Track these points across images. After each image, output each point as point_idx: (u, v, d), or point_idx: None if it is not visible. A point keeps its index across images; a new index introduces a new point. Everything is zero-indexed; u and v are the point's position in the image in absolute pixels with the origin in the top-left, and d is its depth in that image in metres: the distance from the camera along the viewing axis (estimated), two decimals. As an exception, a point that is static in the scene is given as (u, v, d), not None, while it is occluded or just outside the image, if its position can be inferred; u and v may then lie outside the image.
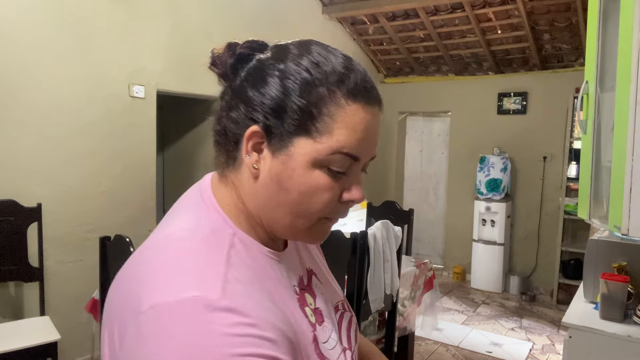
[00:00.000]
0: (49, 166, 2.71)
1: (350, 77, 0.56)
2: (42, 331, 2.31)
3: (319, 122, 0.54)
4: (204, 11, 3.52)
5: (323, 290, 0.71)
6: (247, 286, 0.53)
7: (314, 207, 0.56)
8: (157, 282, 0.51)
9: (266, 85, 0.56)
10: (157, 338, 0.47)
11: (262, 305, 0.53)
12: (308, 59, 0.56)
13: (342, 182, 0.57)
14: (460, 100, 5.28)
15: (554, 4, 4.03)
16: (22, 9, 2.55)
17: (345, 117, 0.55)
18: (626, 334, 1.68)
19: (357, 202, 0.58)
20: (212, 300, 0.48)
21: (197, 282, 0.50)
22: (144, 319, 0.48)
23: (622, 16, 1.37)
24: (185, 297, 0.48)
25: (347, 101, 0.55)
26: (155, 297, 0.49)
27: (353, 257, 2.22)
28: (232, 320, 0.48)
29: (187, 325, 0.47)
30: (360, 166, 0.59)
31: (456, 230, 5.36)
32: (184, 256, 0.53)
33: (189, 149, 4.32)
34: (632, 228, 1.30)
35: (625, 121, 1.32)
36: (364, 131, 0.56)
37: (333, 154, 0.55)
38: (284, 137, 0.55)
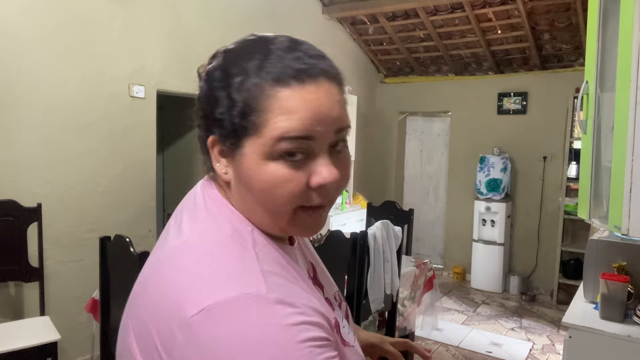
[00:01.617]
0: (49, 166, 2.71)
1: (277, 64, 0.54)
2: (42, 331, 2.31)
3: (255, 118, 0.54)
4: (203, 11, 3.52)
5: (324, 281, 0.73)
6: (280, 278, 0.54)
7: (280, 199, 0.55)
8: (199, 285, 0.51)
9: (211, 97, 0.57)
10: (216, 340, 0.47)
11: (299, 294, 0.54)
12: (235, 61, 0.57)
13: (306, 167, 0.55)
14: (460, 100, 5.28)
15: (554, 4, 4.03)
16: (23, 9, 2.55)
17: (278, 104, 0.53)
18: (626, 334, 1.68)
19: (330, 184, 0.56)
20: (262, 295, 0.49)
21: (240, 279, 0.51)
22: (196, 324, 0.48)
23: (622, 16, 1.37)
24: (235, 295, 0.49)
25: (276, 89, 0.53)
26: (203, 300, 0.49)
27: (353, 257, 2.22)
28: (284, 311, 0.49)
29: (244, 322, 0.48)
30: (324, 145, 0.56)
31: (456, 230, 5.36)
32: (217, 256, 0.54)
33: (189, 149, 4.32)
34: (632, 228, 1.30)
35: (625, 121, 1.32)
36: (305, 110, 0.53)
37: (278, 142, 0.53)
38: (234, 140, 0.56)
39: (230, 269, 0.52)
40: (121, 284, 1.92)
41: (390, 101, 5.78)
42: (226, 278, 0.51)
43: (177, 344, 0.49)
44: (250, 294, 0.49)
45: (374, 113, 5.81)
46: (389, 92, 5.80)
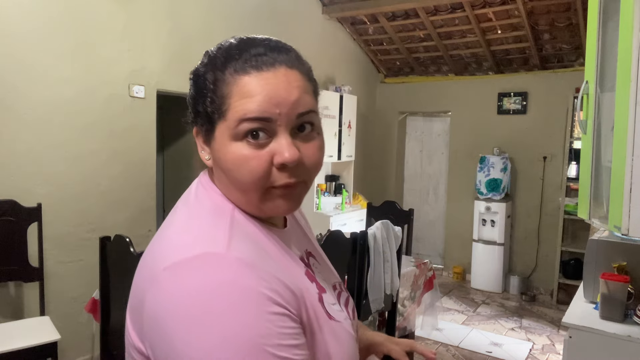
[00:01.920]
0: (49, 166, 2.71)
1: (236, 56, 0.61)
2: (42, 331, 2.31)
3: (220, 104, 0.60)
4: (203, 11, 3.52)
5: (321, 269, 0.77)
6: (249, 246, 0.60)
7: (247, 177, 0.60)
8: (170, 248, 0.58)
9: (192, 93, 0.65)
10: (174, 292, 0.53)
11: (265, 261, 0.59)
12: (206, 56, 0.64)
13: (270, 148, 0.60)
14: (460, 100, 5.28)
15: (554, 4, 4.03)
16: (23, 9, 2.55)
17: (237, 90, 0.59)
18: (626, 334, 1.68)
19: (290, 163, 0.60)
20: (221, 254, 0.55)
21: (206, 242, 0.57)
22: (160, 280, 0.55)
23: (622, 16, 1.37)
24: (196, 254, 0.55)
25: (236, 77, 0.60)
26: (170, 260, 0.56)
27: (353, 257, 2.22)
28: (241, 269, 0.55)
29: (200, 277, 0.53)
30: (285, 126, 0.60)
31: (456, 230, 5.36)
32: (194, 225, 0.61)
33: (189, 149, 4.32)
34: (632, 228, 1.30)
35: (625, 121, 1.32)
36: (261, 94, 0.58)
37: (240, 123, 0.59)
38: (208, 127, 0.63)
39: (200, 234, 0.59)
40: (121, 284, 1.92)
41: (390, 101, 5.78)
42: (194, 241, 0.57)
43: (147, 301, 0.55)
44: (210, 253, 0.55)
45: (374, 113, 5.81)
46: (389, 92, 5.80)
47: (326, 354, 0.62)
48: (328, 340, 0.63)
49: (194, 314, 0.51)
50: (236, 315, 0.51)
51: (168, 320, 0.53)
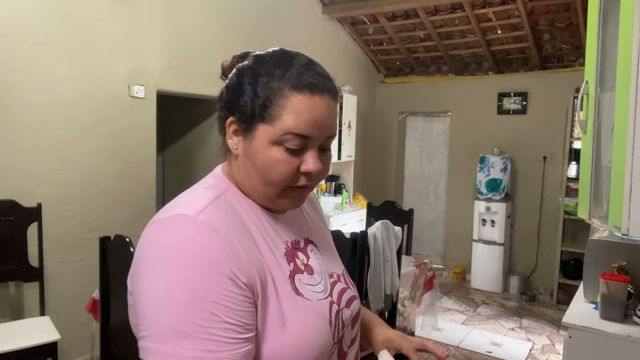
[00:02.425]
0: (49, 166, 2.71)
1: (295, 74, 0.70)
2: (42, 331, 2.31)
3: (271, 111, 0.69)
4: (203, 11, 3.52)
5: (320, 257, 0.84)
6: (225, 217, 0.70)
7: (276, 176, 0.71)
8: (159, 212, 0.71)
9: (236, 87, 0.73)
10: (150, 242, 0.66)
11: (233, 232, 0.68)
12: (265, 62, 0.72)
13: (300, 157, 0.71)
14: (460, 100, 5.28)
15: (554, 4, 4.03)
16: (23, 9, 2.55)
17: (291, 105, 0.69)
18: (626, 334, 1.68)
19: (313, 172, 0.72)
20: (190, 215, 0.66)
21: (185, 207, 0.68)
22: (145, 231, 0.68)
23: (622, 16, 1.37)
24: (171, 215, 0.67)
25: (292, 93, 0.69)
26: (153, 220, 0.69)
27: (353, 257, 2.22)
28: (200, 229, 0.65)
29: (167, 232, 0.65)
30: (316, 143, 0.72)
31: (456, 230, 5.36)
32: (185, 197, 0.73)
33: (189, 149, 4.32)
34: (632, 228, 1.30)
35: (625, 121, 1.32)
36: (309, 115, 0.69)
37: (284, 135, 0.69)
38: (250, 124, 0.71)
39: (185, 202, 0.71)
40: (121, 284, 1.91)
41: (390, 101, 5.78)
42: (176, 206, 0.70)
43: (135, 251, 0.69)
44: (181, 214, 0.67)
45: (374, 113, 5.81)
46: (389, 92, 5.80)
47: (281, 321, 0.69)
48: (287, 311, 0.70)
49: (155, 260, 0.63)
50: (187, 267, 0.61)
51: (140, 262, 0.66)
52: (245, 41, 3.83)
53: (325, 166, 0.74)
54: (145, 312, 0.63)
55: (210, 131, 4.12)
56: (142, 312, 0.63)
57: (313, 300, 0.75)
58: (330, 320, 0.75)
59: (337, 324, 0.77)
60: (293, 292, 0.72)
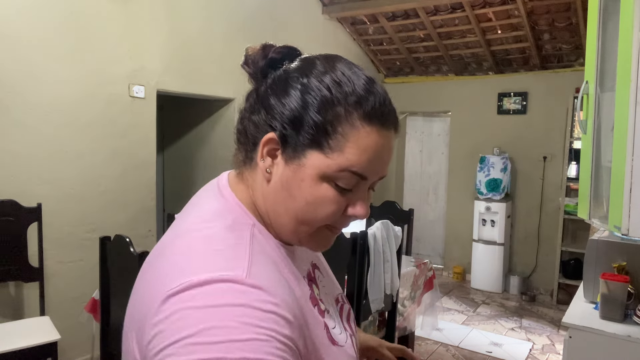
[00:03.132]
0: (49, 166, 2.71)
1: (369, 100, 0.58)
2: (42, 331, 2.31)
3: (332, 139, 0.56)
4: (203, 11, 3.52)
5: (325, 282, 0.74)
6: (269, 271, 0.56)
7: (319, 216, 0.59)
8: (185, 266, 0.53)
9: (288, 97, 0.58)
10: (184, 310, 0.48)
11: (282, 289, 0.55)
12: (331, 77, 0.58)
13: (348, 196, 0.59)
14: (460, 100, 5.28)
15: (554, 4, 4.03)
16: (23, 9, 2.55)
17: (358, 137, 0.56)
18: (626, 334, 1.68)
19: (360, 218, 0.61)
20: (241, 279, 0.51)
21: (224, 263, 0.53)
22: (170, 300, 0.50)
23: (622, 16, 1.37)
24: (213, 277, 0.50)
25: (362, 123, 0.57)
26: (183, 279, 0.50)
27: (353, 257, 2.22)
28: (259, 296, 0.51)
29: (217, 302, 0.49)
30: (368, 185, 0.61)
31: (456, 230, 5.36)
32: (210, 242, 0.56)
33: (189, 149, 4.32)
34: (632, 228, 1.30)
35: (625, 121, 1.32)
36: (374, 153, 0.57)
37: (341, 171, 0.57)
38: (298, 148, 0.58)
39: (218, 252, 0.54)
40: (121, 284, 1.92)
41: (390, 101, 5.77)
42: (212, 260, 0.53)
43: (158, 319, 0.50)
44: (228, 276, 0.51)
45: (374, 113, 5.80)
46: (389, 92, 5.78)
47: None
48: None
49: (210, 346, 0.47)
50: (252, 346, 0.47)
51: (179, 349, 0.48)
52: (245, 41, 3.79)
53: (368, 207, 0.63)
54: None
55: (210, 131, 4.12)
56: None
57: (344, 345, 0.66)
58: (356, 357, 0.70)
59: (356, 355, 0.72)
60: (330, 342, 0.62)
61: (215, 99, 3.84)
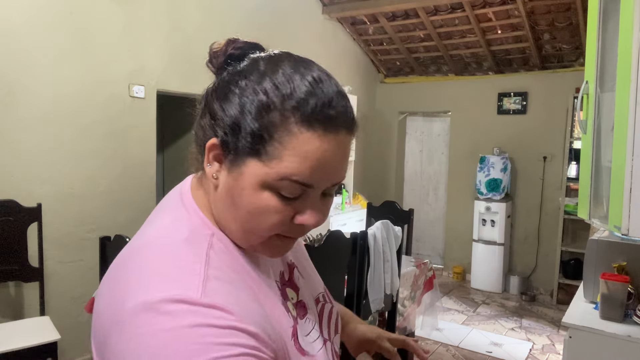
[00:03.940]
0: (49, 166, 2.71)
1: (309, 103, 0.53)
2: (42, 331, 2.31)
3: (269, 146, 0.53)
4: (203, 11, 3.52)
5: (304, 283, 0.72)
6: (227, 284, 0.54)
7: (263, 226, 0.56)
8: (139, 283, 0.51)
9: (227, 101, 0.56)
10: (140, 336, 0.47)
11: (243, 302, 0.53)
12: (270, 79, 0.54)
13: (295, 205, 0.56)
14: (460, 100, 5.28)
15: (554, 4, 4.03)
16: (23, 9, 2.55)
17: (296, 144, 0.52)
18: (626, 334, 1.68)
19: (311, 228, 0.58)
20: (193, 299, 0.49)
21: (178, 282, 0.51)
22: (126, 318, 0.49)
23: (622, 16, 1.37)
24: (166, 296, 0.49)
25: (300, 128, 0.52)
26: (137, 298, 0.49)
27: (353, 257, 2.22)
28: (214, 314, 0.49)
29: (169, 322, 0.47)
30: (318, 192, 0.57)
31: (456, 230, 5.36)
32: (164, 258, 0.54)
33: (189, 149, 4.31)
34: (632, 228, 1.30)
35: (625, 121, 1.32)
36: (318, 160, 0.53)
37: (281, 180, 0.53)
38: (237, 155, 0.55)
39: (171, 271, 0.52)
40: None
41: (390, 101, 5.78)
42: (165, 279, 0.51)
43: (112, 336, 0.50)
44: (181, 296, 0.49)
45: (374, 113, 5.81)
46: (389, 92, 5.80)
47: None
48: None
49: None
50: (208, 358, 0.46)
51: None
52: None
53: (324, 214, 0.59)
54: None
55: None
56: None
57: (315, 354, 0.64)
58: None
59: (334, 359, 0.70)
60: (299, 353, 0.61)
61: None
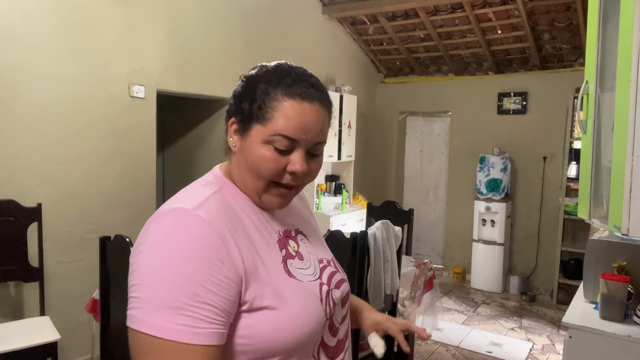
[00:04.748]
0: (49, 166, 2.70)
1: (289, 83, 0.79)
2: (42, 331, 2.31)
3: (265, 112, 0.78)
4: (203, 11, 3.52)
5: (310, 246, 0.93)
6: (219, 212, 0.77)
7: (264, 172, 0.79)
8: (162, 207, 0.78)
9: (245, 90, 0.82)
10: (153, 229, 0.74)
11: (225, 225, 0.75)
12: (270, 73, 0.81)
13: (287, 157, 0.79)
14: (460, 100, 5.28)
15: (554, 4, 4.03)
16: (23, 9, 2.55)
17: (282, 109, 0.77)
18: (626, 334, 1.68)
19: (298, 173, 0.79)
20: (187, 209, 0.74)
21: (183, 202, 0.76)
22: (148, 222, 0.76)
23: (622, 16, 1.37)
24: (170, 208, 0.76)
25: (284, 98, 0.77)
26: (156, 213, 0.77)
27: (353, 257, 2.22)
28: (195, 220, 0.73)
29: (167, 222, 0.74)
30: (304, 147, 0.79)
31: (456, 230, 5.36)
32: (185, 193, 0.82)
33: (189, 149, 4.32)
34: (632, 228, 1.30)
35: (625, 121, 1.32)
36: (298, 120, 0.77)
37: (274, 135, 0.77)
38: (247, 124, 0.80)
39: (185, 197, 0.78)
40: (121, 284, 1.91)
41: (390, 101, 5.78)
42: (177, 201, 0.77)
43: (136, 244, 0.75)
44: (181, 208, 0.74)
45: (374, 113, 5.81)
46: (389, 92, 5.80)
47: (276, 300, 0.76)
48: (281, 291, 0.78)
49: (156, 244, 0.71)
50: (182, 253, 0.70)
51: (142, 244, 0.73)
52: (245, 41, 3.83)
53: (312, 169, 0.82)
54: (141, 287, 0.70)
55: (210, 131, 4.12)
56: (137, 286, 0.70)
57: (304, 281, 0.83)
58: (321, 298, 0.84)
59: (328, 302, 0.85)
60: (286, 274, 0.81)
61: (215, 99, 3.84)
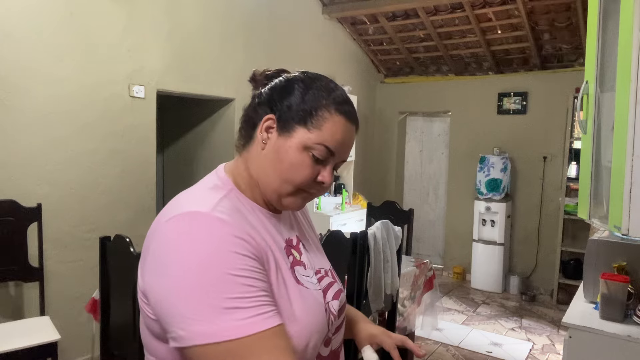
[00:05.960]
0: (49, 166, 2.70)
1: (340, 100, 0.82)
2: (42, 331, 2.30)
3: (315, 119, 0.79)
4: (203, 11, 3.52)
5: (308, 255, 0.91)
6: (233, 212, 0.76)
7: (297, 177, 0.79)
8: (171, 209, 0.75)
9: (290, 91, 0.82)
10: (169, 237, 0.70)
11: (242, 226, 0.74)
12: (320, 82, 0.83)
13: (319, 167, 0.80)
14: (460, 100, 5.28)
15: (554, 4, 4.03)
16: (23, 9, 2.55)
17: (331, 122, 0.79)
18: (626, 334, 1.68)
19: (325, 184, 0.82)
20: (204, 212, 0.71)
21: (198, 205, 0.73)
22: (157, 230, 0.73)
23: (622, 16, 1.37)
24: (186, 211, 0.72)
25: (336, 112, 0.80)
26: (169, 214, 0.73)
27: (353, 257, 2.22)
28: (218, 224, 0.70)
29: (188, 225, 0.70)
30: (334, 161, 0.82)
31: (456, 230, 5.36)
32: (193, 195, 0.79)
33: (189, 149, 4.32)
34: (632, 228, 1.29)
35: (625, 121, 1.32)
36: (341, 136, 0.80)
37: (318, 144, 0.78)
38: (290, 123, 0.80)
39: (195, 201, 0.76)
40: (121, 284, 1.92)
41: (390, 101, 5.78)
42: (188, 205, 0.74)
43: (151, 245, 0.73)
44: (196, 211, 0.71)
45: (374, 113, 5.81)
46: (389, 92, 5.80)
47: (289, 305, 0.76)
48: (292, 297, 0.77)
49: (179, 252, 0.68)
50: (211, 252, 0.67)
51: (160, 259, 0.69)
52: (245, 41, 3.83)
53: (332, 181, 0.84)
54: (182, 302, 0.66)
55: (210, 131, 4.12)
56: (173, 305, 0.66)
57: (311, 289, 0.83)
58: (326, 308, 0.84)
59: (329, 313, 0.85)
60: (294, 280, 0.80)
61: (215, 99, 3.84)
